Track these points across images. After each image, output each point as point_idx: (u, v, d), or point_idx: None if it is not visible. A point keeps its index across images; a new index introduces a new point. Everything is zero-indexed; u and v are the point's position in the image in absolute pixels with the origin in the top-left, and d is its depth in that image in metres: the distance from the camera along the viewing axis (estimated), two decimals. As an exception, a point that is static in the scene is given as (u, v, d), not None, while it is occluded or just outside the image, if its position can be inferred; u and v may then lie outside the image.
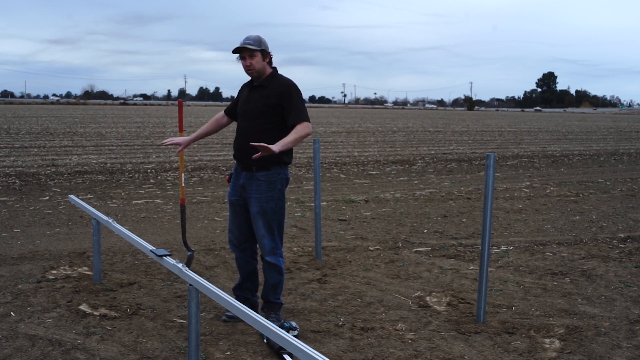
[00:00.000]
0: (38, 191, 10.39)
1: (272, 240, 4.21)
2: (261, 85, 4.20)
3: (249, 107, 4.21)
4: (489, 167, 4.25)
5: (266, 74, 4.21)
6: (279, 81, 4.20)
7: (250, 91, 4.26)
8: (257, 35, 4.16)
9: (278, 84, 4.17)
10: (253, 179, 4.15)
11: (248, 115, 4.21)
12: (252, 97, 4.21)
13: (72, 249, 6.28)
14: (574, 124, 51.63)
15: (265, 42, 4.17)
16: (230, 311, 4.02)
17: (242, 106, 4.29)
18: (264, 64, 4.17)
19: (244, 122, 4.24)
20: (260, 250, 4.26)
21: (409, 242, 6.86)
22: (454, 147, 22.80)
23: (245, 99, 4.27)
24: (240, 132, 4.24)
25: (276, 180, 4.18)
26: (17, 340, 3.90)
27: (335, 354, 3.76)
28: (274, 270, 4.26)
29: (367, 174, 13.95)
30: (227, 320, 4.30)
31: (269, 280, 4.28)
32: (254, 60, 4.12)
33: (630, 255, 6.36)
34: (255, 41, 4.11)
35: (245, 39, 4.13)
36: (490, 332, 4.16)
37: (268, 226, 4.17)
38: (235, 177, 4.29)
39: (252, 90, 4.24)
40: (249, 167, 4.14)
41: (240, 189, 4.23)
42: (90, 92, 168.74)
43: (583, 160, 18.63)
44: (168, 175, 13.00)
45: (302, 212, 8.57)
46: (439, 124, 45.41)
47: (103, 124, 33.28)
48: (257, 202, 4.14)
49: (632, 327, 4.28)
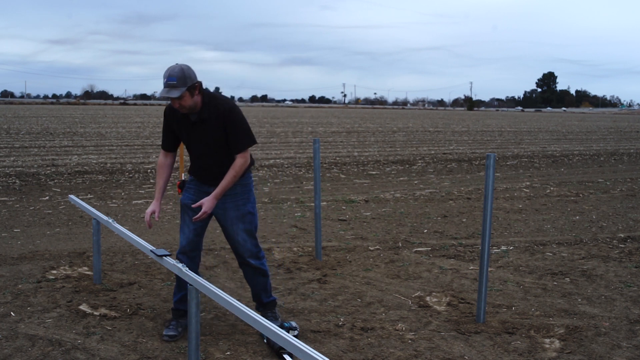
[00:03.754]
0: (38, 191, 10.39)
1: (254, 244, 4.14)
2: (200, 119, 3.83)
3: (202, 146, 3.90)
4: (489, 167, 4.25)
5: (199, 105, 3.80)
6: (216, 109, 3.81)
7: (192, 127, 3.88)
8: (179, 69, 3.68)
9: (217, 113, 3.81)
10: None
11: (203, 153, 3.92)
12: (197, 134, 3.88)
13: (72, 249, 6.28)
14: (574, 124, 51.63)
15: (190, 74, 3.70)
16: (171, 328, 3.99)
17: (188, 144, 3.96)
18: (195, 97, 3.75)
19: (200, 159, 3.96)
20: (242, 255, 4.11)
21: (409, 242, 6.86)
22: (454, 147, 22.80)
23: (189, 136, 3.92)
24: (200, 165, 3.98)
25: (249, 183, 4.10)
26: (17, 340, 3.90)
27: (335, 354, 3.76)
28: (259, 274, 4.20)
29: (367, 174, 13.95)
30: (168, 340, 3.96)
31: (257, 285, 4.23)
32: (183, 101, 3.71)
33: (630, 255, 6.36)
34: (179, 79, 3.64)
35: (168, 78, 3.64)
36: (490, 332, 4.16)
37: (248, 230, 4.08)
38: (199, 185, 4.02)
39: (194, 125, 3.87)
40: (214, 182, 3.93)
41: (206, 196, 3.93)
42: (90, 92, 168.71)
43: (583, 160, 18.63)
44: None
45: (302, 212, 8.57)
46: (439, 124, 45.40)
47: (103, 124, 33.28)
48: (235, 207, 4.01)
49: (632, 327, 4.28)
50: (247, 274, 4.23)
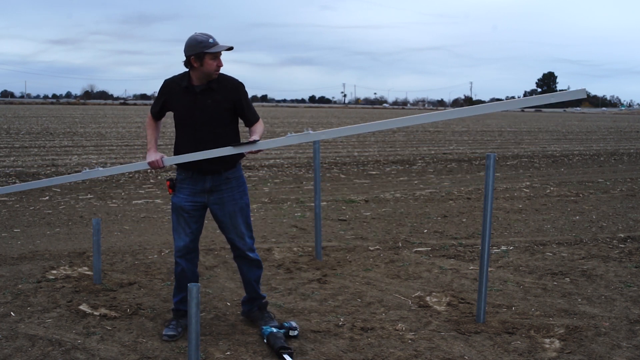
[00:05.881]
0: (38, 191, 10.39)
1: (251, 237, 4.18)
2: (209, 88, 3.89)
3: (206, 115, 3.90)
4: (489, 167, 4.25)
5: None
6: (226, 82, 3.95)
7: (194, 96, 3.89)
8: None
9: (227, 86, 3.94)
10: (222, 180, 3.98)
11: (202, 123, 3.90)
12: (201, 103, 3.88)
13: (72, 249, 6.28)
14: (574, 124, 51.62)
15: None
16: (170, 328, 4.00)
17: (188, 114, 3.92)
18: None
19: (196, 132, 3.92)
20: (241, 248, 4.12)
21: (409, 242, 6.86)
22: (454, 147, 22.80)
23: (189, 105, 3.91)
24: (194, 140, 3.92)
25: (242, 175, 4.14)
26: (17, 340, 3.90)
27: (335, 354, 3.76)
28: (255, 266, 4.23)
29: (367, 174, 13.95)
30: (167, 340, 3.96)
31: (253, 277, 4.24)
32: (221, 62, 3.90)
33: (630, 255, 6.36)
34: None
35: (213, 38, 3.84)
36: (490, 332, 4.16)
37: (246, 222, 4.11)
38: (192, 183, 3.98)
39: (198, 95, 3.89)
40: (215, 170, 3.94)
41: (202, 194, 3.98)
42: (90, 92, 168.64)
43: (583, 160, 18.63)
44: (168, 175, 13.01)
45: (302, 212, 8.57)
46: (439, 124, 45.40)
47: (103, 124, 33.28)
48: (232, 200, 4.02)
49: (632, 327, 4.28)
50: (243, 267, 4.22)
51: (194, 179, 3.99)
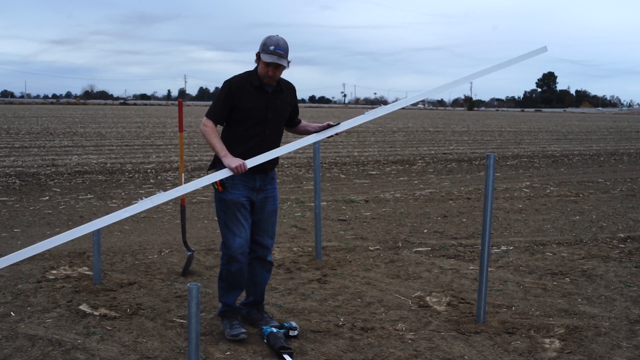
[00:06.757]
0: (38, 191, 10.39)
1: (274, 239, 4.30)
2: (281, 89, 4.07)
3: (276, 115, 4.04)
4: (489, 167, 4.25)
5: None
6: (286, 84, 4.15)
7: (267, 95, 4.00)
8: (284, 41, 3.91)
9: (289, 87, 4.17)
10: (268, 179, 4.13)
11: (272, 122, 4.03)
12: (275, 103, 4.03)
13: (72, 249, 6.28)
14: (574, 124, 51.63)
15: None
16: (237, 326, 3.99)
17: (261, 114, 3.98)
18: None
19: (266, 129, 4.01)
20: (265, 249, 4.19)
21: (409, 242, 6.86)
22: (454, 147, 22.80)
23: (263, 104, 3.98)
24: (261, 140, 3.99)
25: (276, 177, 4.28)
26: (17, 340, 3.90)
27: (335, 354, 3.77)
28: (267, 269, 4.28)
29: (367, 174, 13.95)
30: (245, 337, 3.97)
31: (265, 281, 4.28)
32: (279, 72, 3.95)
33: (630, 255, 6.37)
34: (285, 51, 3.89)
35: (276, 47, 3.85)
36: (490, 332, 4.16)
37: (274, 224, 4.25)
38: (244, 180, 4.01)
39: (270, 95, 4.01)
40: (265, 170, 4.04)
41: (251, 191, 4.04)
42: (90, 92, 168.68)
43: (583, 160, 18.63)
44: (168, 175, 13.00)
45: (302, 212, 8.57)
46: (439, 124, 45.40)
47: (103, 124, 33.27)
48: (273, 200, 4.17)
49: (632, 327, 4.28)
50: (258, 271, 4.22)
51: (244, 176, 4.00)
